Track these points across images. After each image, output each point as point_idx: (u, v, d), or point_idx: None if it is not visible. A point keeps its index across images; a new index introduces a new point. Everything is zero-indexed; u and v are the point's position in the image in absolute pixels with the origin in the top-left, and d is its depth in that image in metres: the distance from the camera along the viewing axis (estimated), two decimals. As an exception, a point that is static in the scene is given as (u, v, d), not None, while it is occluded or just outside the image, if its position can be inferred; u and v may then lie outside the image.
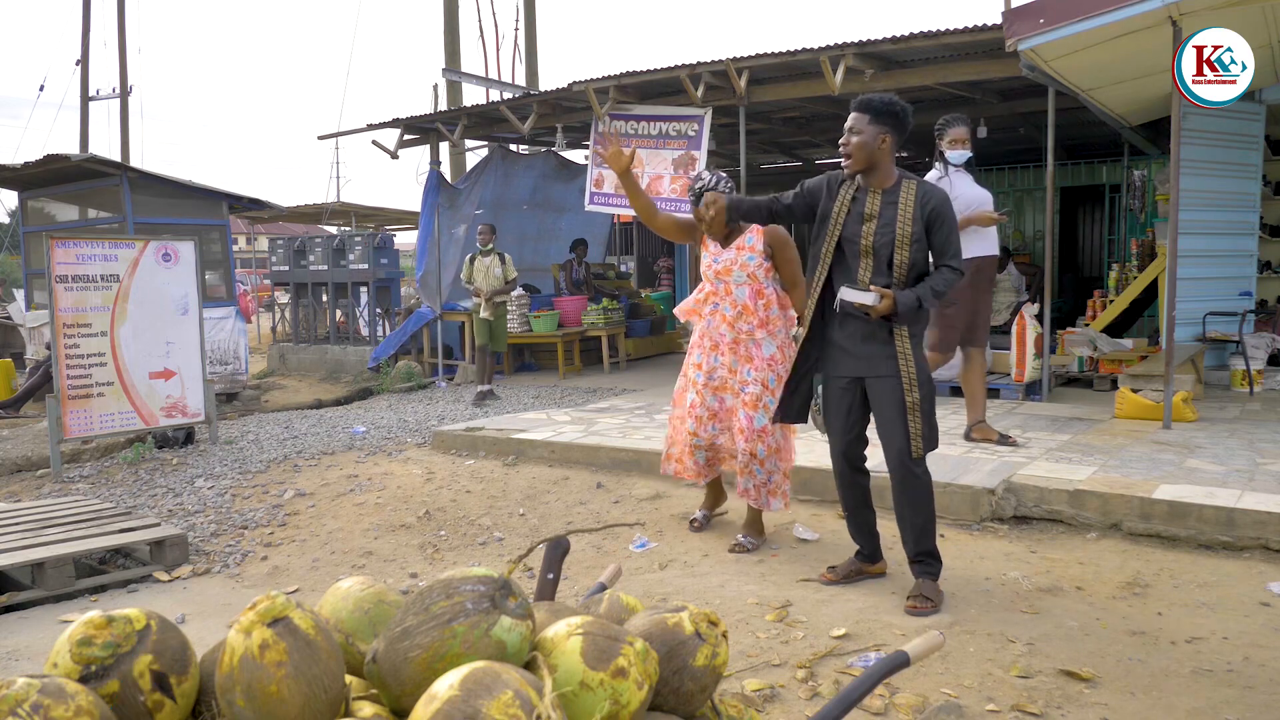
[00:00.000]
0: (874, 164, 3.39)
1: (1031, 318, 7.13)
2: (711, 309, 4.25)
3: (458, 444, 6.46)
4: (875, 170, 3.41)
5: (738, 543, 4.24)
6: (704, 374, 4.26)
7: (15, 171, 10.05)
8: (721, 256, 4.19)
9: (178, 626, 1.28)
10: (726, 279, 4.17)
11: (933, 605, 3.40)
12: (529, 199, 11.83)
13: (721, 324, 4.22)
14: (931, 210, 3.36)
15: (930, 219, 3.37)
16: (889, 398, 3.42)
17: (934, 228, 3.38)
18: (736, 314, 4.18)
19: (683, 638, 1.34)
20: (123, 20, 21.64)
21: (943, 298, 3.43)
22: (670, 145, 9.04)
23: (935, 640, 1.67)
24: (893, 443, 3.44)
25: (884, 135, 3.35)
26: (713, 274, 4.21)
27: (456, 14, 15.28)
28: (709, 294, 4.26)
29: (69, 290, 6.18)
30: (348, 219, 17.68)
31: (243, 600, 3.97)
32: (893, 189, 3.41)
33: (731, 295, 4.18)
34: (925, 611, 3.37)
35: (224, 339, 10.06)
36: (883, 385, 3.44)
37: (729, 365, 4.23)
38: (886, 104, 3.36)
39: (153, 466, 6.36)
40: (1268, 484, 4.36)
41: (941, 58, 7.70)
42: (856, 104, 3.40)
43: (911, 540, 3.49)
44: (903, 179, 3.43)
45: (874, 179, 3.42)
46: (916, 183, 3.42)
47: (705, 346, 4.27)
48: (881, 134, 3.35)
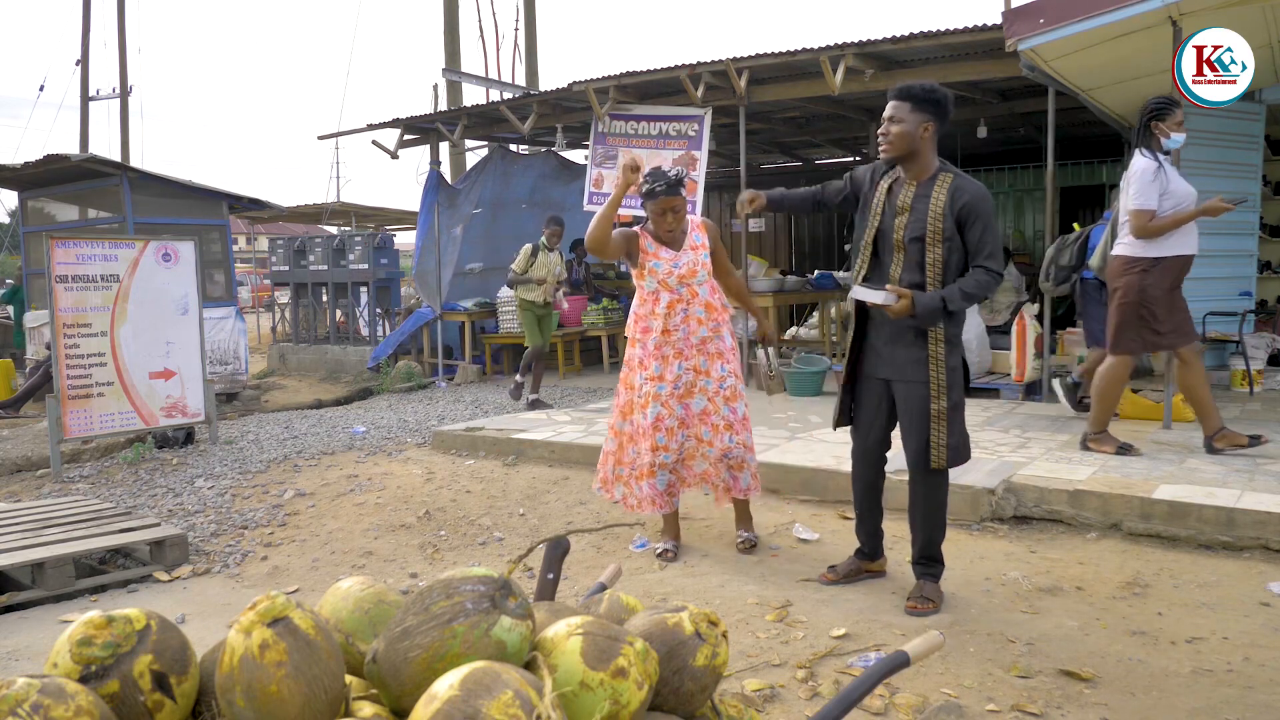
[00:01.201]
0: (914, 153, 3.26)
1: (1031, 318, 7.13)
2: (682, 316, 4.05)
3: (458, 444, 6.46)
4: (915, 160, 3.28)
5: (744, 539, 4.24)
6: (667, 384, 4.04)
7: (15, 171, 10.05)
8: (681, 261, 4.02)
9: (178, 626, 1.28)
10: (690, 281, 4.03)
11: (933, 606, 3.39)
12: (528, 198, 11.83)
13: (698, 327, 4.06)
14: (964, 206, 3.21)
15: (962, 215, 3.21)
16: (913, 403, 3.34)
17: (967, 225, 3.22)
18: (706, 312, 4.07)
19: (683, 638, 1.34)
20: (123, 20, 21.69)
21: (975, 301, 3.30)
22: (670, 145, 9.04)
23: (935, 640, 1.67)
24: (912, 448, 3.38)
25: (926, 124, 3.24)
26: (675, 280, 4.01)
27: (456, 14, 15.28)
28: (672, 302, 4.03)
29: (69, 290, 6.18)
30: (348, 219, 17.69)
31: (243, 600, 3.97)
32: (928, 181, 3.28)
33: (698, 297, 4.06)
34: (925, 612, 3.36)
35: (224, 339, 10.06)
36: (909, 390, 3.35)
37: (696, 367, 4.09)
38: (928, 91, 3.23)
39: (153, 466, 6.36)
40: (1268, 484, 4.36)
41: (942, 58, 7.71)
42: (897, 92, 3.28)
43: (919, 545, 3.48)
44: (940, 171, 3.30)
45: (913, 169, 3.30)
46: (953, 176, 3.28)
47: (665, 356, 4.05)
48: (924, 122, 3.23)
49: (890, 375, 3.42)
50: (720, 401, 4.10)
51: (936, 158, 3.34)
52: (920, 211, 3.26)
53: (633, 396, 4.16)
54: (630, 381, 4.17)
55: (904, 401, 3.39)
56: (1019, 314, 7.18)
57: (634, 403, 4.15)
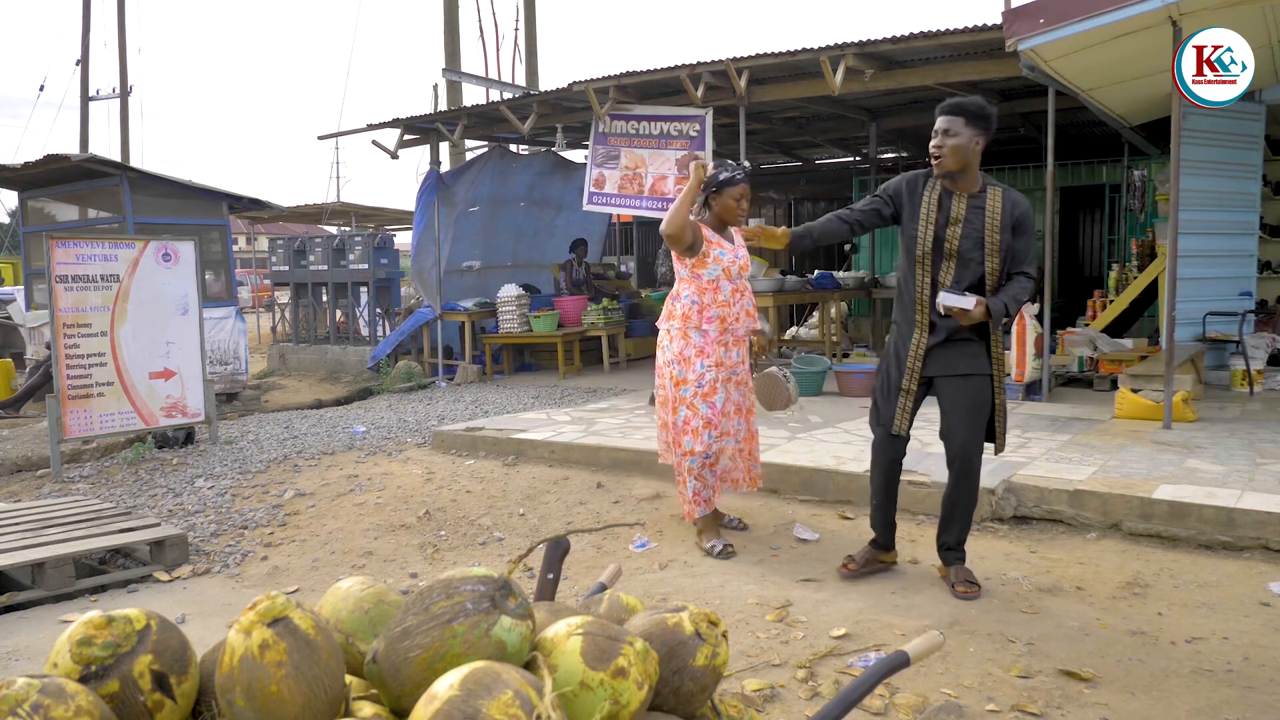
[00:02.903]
0: (965, 166, 3.42)
1: (1031, 318, 7.13)
2: (741, 306, 4.25)
3: (458, 444, 6.46)
4: (965, 173, 3.45)
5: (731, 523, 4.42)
6: (726, 370, 4.24)
7: (15, 171, 10.04)
8: (740, 253, 4.24)
9: (178, 626, 1.28)
10: (744, 275, 4.26)
11: (979, 589, 3.55)
12: (526, 195, 11.84)
13: (745, 318, 4.27)
14: (1019, 217, 3.45)
15: (1016, 225, 3.45)
16: (970, 396, 3.53)
17: (1019, 234, 3.46)
18: (752, 308, 4.32)
19: (683, 638, 1.34)
20: (123, 20, 21.64)
21: (1021, 305, 3.53)
22: (673, 145, 9.05)
23: (935, 640, 1.67)
24: (960, 437, 3.54)
25: (978, 138, 3.41)
26: (736, 270, 4.20)
27: (456, 14, 15.28)
28: (733, 291, 4.19)
29: (69, 290, 6.17)
30: (348, 219, 17.70)
31: (243, 600, 3.97)
32: (979, 194, 3.47)
33: (748, 290, 4.29)
34: (976, 595, 3.51)
35: (224, 339, 10.06)
36: (964, 383, 3.54)
37: (736, 356, 4.29)
38: (980, 107, 3.42)
39: (153, 466, 6.36)
40: (1268, 484, 4.36)
41: (941, 58, 7.70)
42: (949, 107, 3.43)
43: (958, 530, 3.65)
44: (987, 185, 3.50)
45: (962, 182, 3.48)
46: (1002, 190, 3.49)
47: (726, 342, 4.23)
48: (976, 137, 3.40)
49: (939, 372, 3.57)
50: (747, 390, 4.38)
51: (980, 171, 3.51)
52: (975, 223, 3.45)
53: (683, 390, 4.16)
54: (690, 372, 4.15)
55: (958, 393, 3.55)
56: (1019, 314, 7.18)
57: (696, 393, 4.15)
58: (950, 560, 3.66)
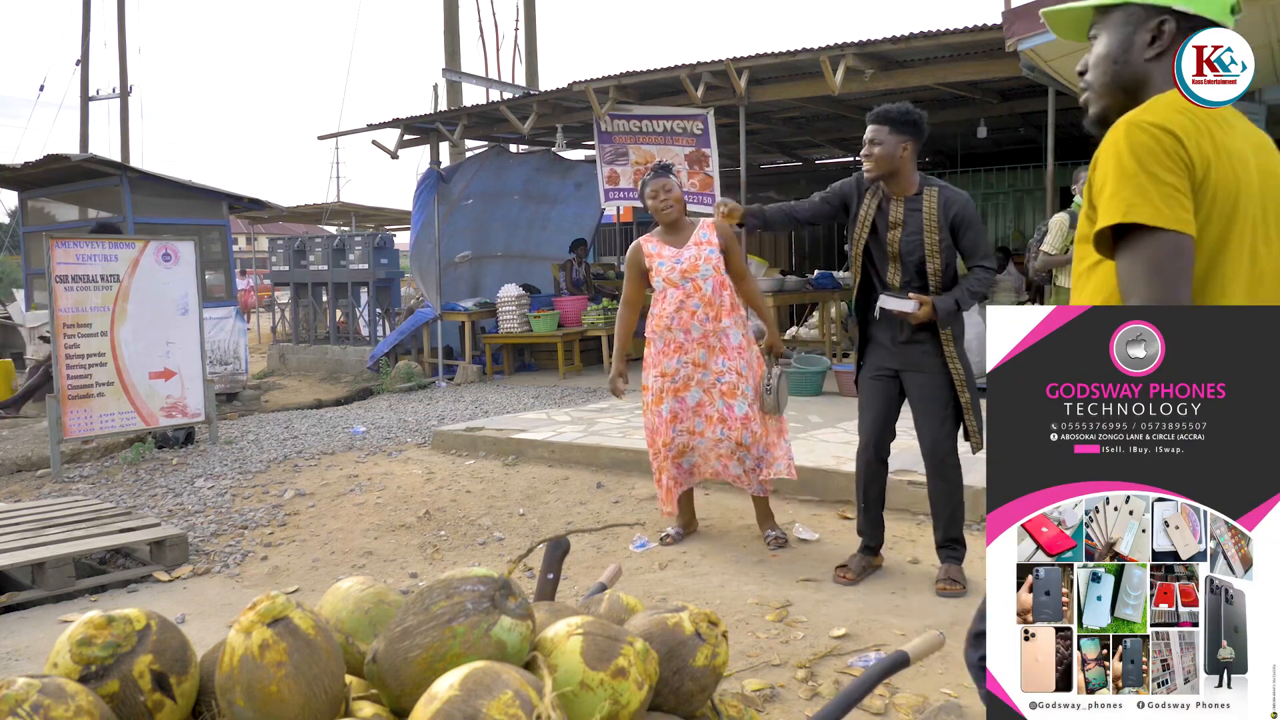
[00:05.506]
0: (895, 171, 3.49)
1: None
2: (685, 310, 4.18)
3: (458, 444, 6.46)
4: (897, 177, 3.52)
5: (773, 537, 4.26)
6: (679, 379, 4.23)
7: (15, 171, 10.04)
8: (683, 256, 4.19)
9: (178, 626, 1.29)
10: (694, 276, 4.17)
11: (961, 587, 3.53)
12: (521, 189, 11.84)
13: (690, 320, 4.18)
14: (955, 215, 3.49)
15: (954, 223, 3.50)
16: (931, 393, 3.55)
17: (960, 231, 3.51)
18: (705, 307, 4.18)
19: (683, 638, 1.34)
20: (123, 20, 21.65)
21: (980, 298, 3.56)
22: (678, 142, 9.09)
23: (935, 640, 1.67)
24: (928, 435, 3.57)
25: (904, 144, 3.46)
26: (678, 275, 4.17)
27: (456, 14, 15.28)
28: (679, 298, 4.17)
29: (69, 290, 6.17)
30: (348, 219, 17.71)
31: (243, 600, 3.97)
32: (915, 196, 3.55)
33: (700, 291, 4.19)
34: (955, 593, 3.51)
35: (224, 339, 10.05)
36: (925, 380, 3.56)
37: (695, 360, 4.20)
38: (903, 113, 3.47)
39: (153, 466, 6.36)
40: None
41: (941, 58, 7.71)
42: (874, 116, 3.50)
43: (943, 527, 3.63)
44: (924, 186, 3.54)
45: (896, 186, 3.54)
46: (939, 189, 3.54)
47: (669, 350, 4.23)
48: (902, 142, 3.46)
49: (901, 366, 3.61)
50: (716, 395, 4.19)
51: (917, 173, 3.58)
52: (914, 225, 3.52)
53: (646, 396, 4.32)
54: (645, 381, 4.33)
55: (919, 389, 3.58)
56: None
57: (647, 402, 4.32)
58: (943, 558, 3.67)
